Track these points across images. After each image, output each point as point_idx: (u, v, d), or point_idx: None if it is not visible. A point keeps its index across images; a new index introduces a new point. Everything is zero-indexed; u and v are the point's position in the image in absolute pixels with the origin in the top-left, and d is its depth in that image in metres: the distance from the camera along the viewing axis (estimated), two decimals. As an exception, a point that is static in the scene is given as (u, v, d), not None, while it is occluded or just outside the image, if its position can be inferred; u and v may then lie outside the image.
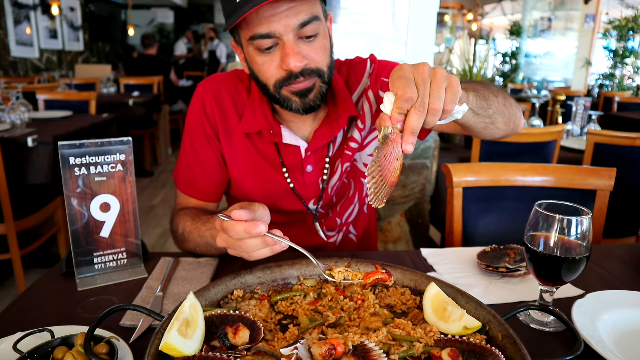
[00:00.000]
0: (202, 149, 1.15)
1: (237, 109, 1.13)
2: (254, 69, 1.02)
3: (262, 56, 0.97)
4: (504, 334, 0.68)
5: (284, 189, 1.16)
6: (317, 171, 1.15)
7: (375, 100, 1.16)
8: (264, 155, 1.13)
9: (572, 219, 0.78)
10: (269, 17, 0.91)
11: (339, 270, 0.80)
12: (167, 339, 0.59)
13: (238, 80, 1.16)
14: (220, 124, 1.13)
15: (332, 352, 0.62)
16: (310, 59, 0.97)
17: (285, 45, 0.94)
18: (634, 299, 0.87)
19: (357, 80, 1.17)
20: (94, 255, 0.96)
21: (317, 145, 1.12)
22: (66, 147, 0.89)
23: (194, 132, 1.16)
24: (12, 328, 0.75)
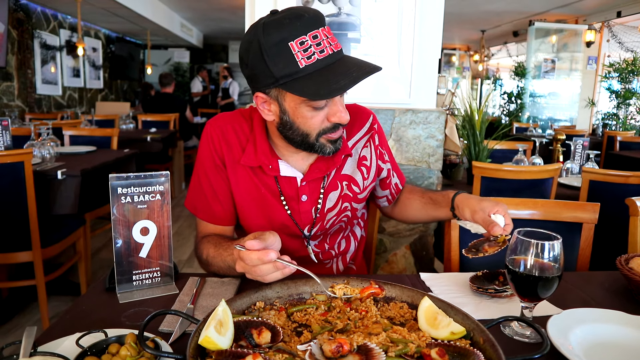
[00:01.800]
0: (215, 178, 1.28)
1: (240, 142, 1.27)
2: (298, 122, 1.12)
3: (314, 112, 1.10)
4: (484, 339, 0.80)
5: (283, 216, 1.29)
6: (311, 201, 1.29)
7: (375, 155, 1.38)
8: (265, 185, 1.27)
9: (546, 243, 0.92)
10: None
11: (339, 287, 0.97)
12: (207, 333, 0.73)
13: (242, 117, 1.30)
14: (227, 156, 1.26)
15: (340, 349, 0.76)
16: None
17: (337, 103, 1.10)
18: (605, 316, 0.99)
19: (359, 126, 1.36)
20: (133, 274, 1.11)
21: (312, 177, 1.26)
22: (115, 179, 1.05)
23: (207, 164, 1.29)
24: (71, 330, 0.89)
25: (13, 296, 3.08)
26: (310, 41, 1.01)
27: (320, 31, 1.03)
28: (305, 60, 1.01)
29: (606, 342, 0.92)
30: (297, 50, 1.01)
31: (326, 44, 1.03)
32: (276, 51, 1.02)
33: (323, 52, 1.02)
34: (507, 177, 2.42)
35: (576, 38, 8.56)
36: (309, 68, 1.02)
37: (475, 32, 10.61)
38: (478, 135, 2.78)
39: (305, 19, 1.02)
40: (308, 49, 1.01)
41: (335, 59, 1.04)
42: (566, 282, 1.24)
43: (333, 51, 1.04)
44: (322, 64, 1.02)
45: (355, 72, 1.02)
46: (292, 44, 1.01)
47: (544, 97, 8.89)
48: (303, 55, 1.01)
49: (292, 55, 1.01)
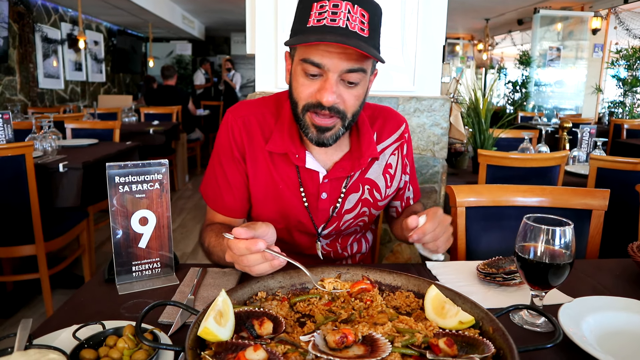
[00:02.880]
0: (230, 170, 1.26)
1: (263, 133, 1.24)
2: (293, 85, 1.12)
3: (305, 79, 1.08)
4: (494, 328, 0.77)
5: (299, 209, 1.26)
6: (330, 200, 1.25)
7: (401, 164, 1.34)
8: (284, 177, 1.24)
9: (557, 229, 0.89)
10: (324, 51, 1.02)
11: (329, 281, 0.95)
12: (206, 324, 0.70)
13: (265, 108, 1.27)
14: (247, 147, 1.24)
15: (344, 339, 0.73)
16: (342, 101, 1.09)
17: (328, 80, 1.05)
18: (618, 304, 0.96)
19: (390, 132, 1.32)
20: (132, 264, 1.09)
21: (335, 176, 1.23)
22: (113, 168, 1.03)
23: (223, 154, 1.26)
24: (68, 322, 0.86)
25: (18, 289, 3.08)
26: (329, 7, 1.01)
27: (345, 4, 1.01)
28: (314, 22, 1.02)
29: (619, 330, 0.89)
30: (314, 11, 1.02)
31: (343, 17, 1.00)
32: (302, 6, 1.06)
33: (334, 21, 1.00)
34: (514, 165, 2.38)
35: (582, 25, 8.44)
36: (312, 29, 1.02)
37: (479, 21, 10.49)
38: (483, 123, 2.74)
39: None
40: (323, 13, 1.01)
41: (338, 31, 1.00)
42: (576, 269, 1.21)
43: (344, 26, 1.00)
44: (324, 29, 1.00)
45: (331, 38, 0.98)
46: (314, 4, 1.02)
47: (549, 85, 8.80)
48: (315, 17, 1.02)
49: (308, 14, 1.03)
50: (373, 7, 1.05)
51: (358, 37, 1.01)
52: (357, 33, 1.01)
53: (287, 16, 2.19)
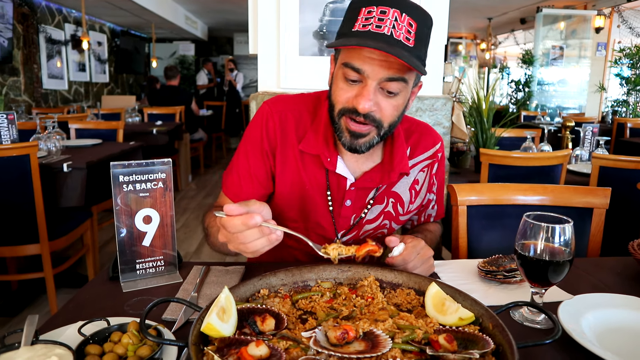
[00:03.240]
0: (255, 162, 1.23)
1: (297, 132, 1.22)
2: (332, 88, 1.11)
3: (344, 83, 1.06)
4: (494, 324, 0.78)
5: (322, 212, 1.24)
6: (354, 208, 1.23)
7: (428, 182, 1.32)
8: (312, 177, 1.22)
9: (556, 227, 0.89)
10: (366, 57, 1.00)
11: (333, 247, 0.94)
12: (209, 320, 0.71)
13: (303, 106, 1.25)
14: (280, 143, 1.21)
15: (345, 335, 0.74)
16: (378, 110, 1.06)
17: (366, 87, 1.03)
18: (618, 301, 0.96)
19: (424, 148, 1.30)
20: (136, 262, 1.10)
21: (362, 185, 1.21)
22: (117, 167, 1.04)
23: (252, 146, 1.24)
24: (73, 319, 0.88)
25: (22, 289, 3.10)
26: (376, 13, 0.99)
27: (392, 11, 0.99)
28: (360, 27, 1.00)
29: (619, 327, 0.90)
30: (361, 16, 1.01)
31: (389, 24, 0.98)
32: (350, 10, 1.05)
33: (380, 27, 0.98)
34: (516, 164, 2.38)
35: (585, 24, 8.42)
36: (357, 33, 1.00)
37: (481, 20, 10.47)
38: (485, 122, 2.74)
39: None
40: (369, 19, 1.00)
41: (382, 38, 0.98)
42: (577, 267, 1.22)
43: (389, 34, 0.98)
44: (368, 34, 0.99)
45: (373, 44, 0.96)
46: (362, 9, 1.01)
47: (552, 84, 8.78)
48: (362, 22, 1.01)
49: (355, 18, 1.02)
50: (422, 17, 1.02)
51: (402, 47, 0.98)
52: (402, 42, 0.99)
53: (289, 17, 2.20)
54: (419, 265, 1.06)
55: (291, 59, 2.24)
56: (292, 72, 2.26)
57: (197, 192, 6.14)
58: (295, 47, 2.24)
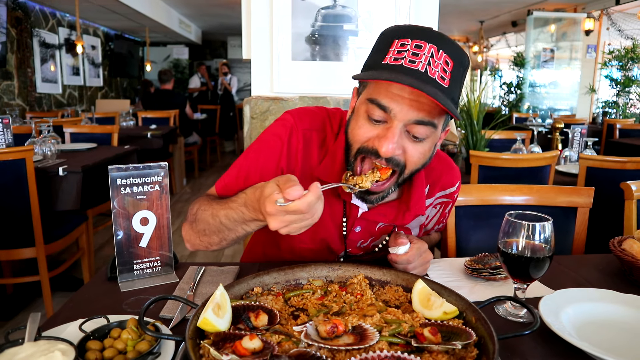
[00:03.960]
0: (265, 172, 1.13)
1: (320, 154, 1.15)
2: (351, 125, 1.03)
3: (366, 122, 0.98)
4: (477, 317, 0.82)
5: (333, 236, 1.19)
6: (362, 234, 1.19)
7: (437, 218, 1.29)
8: (327, 200, 1.11)
9: (537, 224, 0.94)
10: (395, 95, 0.92)
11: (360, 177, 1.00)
12: (205, 315, 0.75)
13: (329, 127, 1.17)
14: (301, 164, 1.14)
15: (334, 329, 0.78)
16: (403, 154, 0.97)
17: (391, 128, 0.94)
18: (596, 295, 1.01)
19: (442, 187, 1.23)
20: (134, 263, 1.13)
21: (374, 219, 1.16)
22: (115, 170, 1.07)
23: (266, 156, 1.14)
24: (73, 317, 0.91)
25: (18, 292, 3.12)
26: (410, 47, 0.91)
27: (429, 46, 0.90)
28: (391, 60, 0.92)
29: (597, 319, 0.94)
30: (393, 48, 0.93)
31: (424, 60, 0.90)
32: (380, 41, 0.98)
33: (413, 63, 0.90)
34: (505, 165, 2.43)
35: (575, 27, 8.53)
36: (388, 67, 0.92)
37: (473, 23, 10.57)
38: (475, 124, 2.79)
39: (426, 31, 0.93)
40: (402, 52, 0.91)
41: (414, 74, 0.89)
42: (560, 264, 1.26)
43: (423, 70, 0.89)
44: (401, 69, 0.90)
45: (405, 79, 0.87)
46: (395, 41, 0.93)
47: (543, 86, 8.88)
48: (394, 54, 0.92)
49: (386, 50, 0.94)
50: (460, 56, 0.94)
51: (436, 86, 0.89)
52: (437, 81, 0.90)
53: (282, 22, 2.24)
54: (418, 267, 1.09)
55: (284, 64, 2.28)
56: (285, 77, 2.30)
57: (192, 196, 6.16)
58: (288, 52, 2.28)
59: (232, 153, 10.11)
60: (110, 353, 0.77)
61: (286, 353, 0.72)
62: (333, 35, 2.28)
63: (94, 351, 0.77)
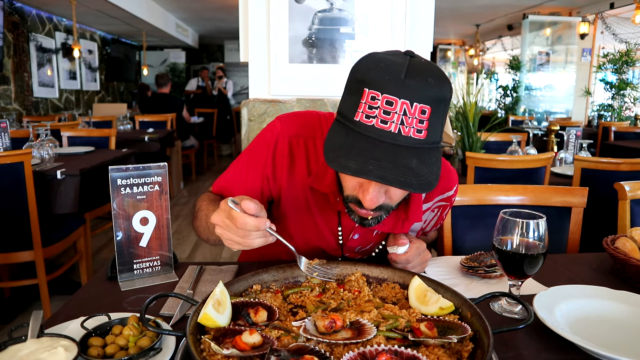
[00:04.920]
0: (254, 179, 1.17)
1: (309, 164, 1.14)
2: None
3: None
4: (472, 312, 0.84)
5: (331, 243, 1.21)
6: (360, 240, 1.22)
7: (434, 221, 1.29)
8: (321, 212, 1.17)
9: (531, 222, 0.95)
10: None
11: (316, 273, 1.01)
12: (206, 310, 0.76)
13: (319, 132, 1.15)
14: (287, 173, 1.15)
15: (333, 324, 0.79)
16: (388, 198, 0.97)
17: (370, 183, 0.92)
18: (590, 292, 1.02)
19: (440, 192, 1.23)
20: (134, 262, 1.14)
21: (372, 226, 1.11)
22: (115, 171, 1.09)
23: (254, 161, 1.18)
24: (74, 316, 0.92)
25: (15, 296, 3.11)
26: (381, 104, 0.85)
27: (400, 103, 0.84)
28: (362, 117, 0.86)
29: (591, 315, 0.96)
30: (364, 101, 0.86)
31: (397, 119, 0.84)
32: (353, 86, 0.90)
33: (385, 123, 0.85)
34: (500, 166, 2.46)
35: (570, 30, 8.59)
36: (359, 126, 0.87)
37: (469, 27, 10.64)
38: (471, 126, 2.81)
39: (399, 80, 0.85)
40: (373, 109, 0.85)
41: (387, 140, 0.85)
42: (555, 263, 1.28)
43: (396, 131, 0.84)
44: (372, 132, 0.85)
45: (374, 167, 0.83)
46: (365, 91, 0.86)
47: (539, 90, 8.93)
48: (365, 110, 0.86)
49: (358, 101, 0.87)
50: (439, 95, 0.87)
51: (412, 144, 0.86)
52: (412, 138, 0.85)
53: (279, 25, 2.26)
54: (417, 266, 1.11)
55: (281, 67, 2.30)
56: (283, 79, 2.31)
57: (189, 199, 6.17)
58: (285, 55, 2.30)
59: (229, 156, 10.12)
60: (112, 349, 0.78)
61: (285, 347, 0.73)
62: (330, 38, 2.30)
63: (96, 347, 0.78)
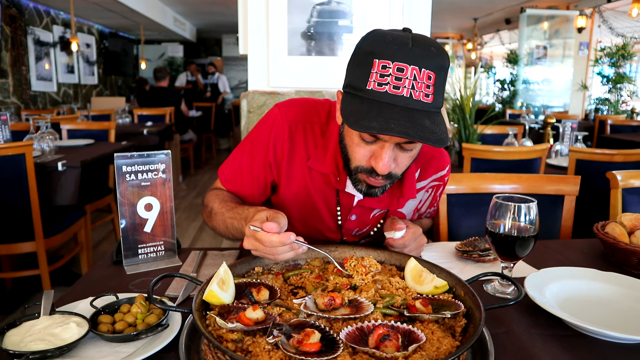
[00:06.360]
0: (258, 166, 1.22)
1: (307, 148, 1.19)
2: (347, 141, 1.06)
3: (360, 141, 1.01)
4: (465, 291, 0.88)
5: (329, 224, 1.25)
6: (358, 222, 1.26)
7: (429, 201, 1.34)
8: (320, 193, 1.22)
9: (522, 205, 0.99)
10: None
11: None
12: (211, 288, 0.80)
13: (316, 117, 1.20)
14: (287, 156, 1.19)
15: (332, 302, 0.83)
16: (396, 165, 1.02)
17: (384, 149, 0.98)
18: (578, 273, 1.06)
19: (434, 171, 1.28)
20: (138, 247, 1.18)
21: (369, 205, 1.21)
22: (120, 158, 1.12)
23: (257, 149, 1.22)
24: (82, 297, 0.96)
25: (17, 288, 3.15)
26: (393, 71, 0.90)
27: (411, 69, 0.90)
28: (375, 85, 0.92)
29: (579, 295, 1.00)
30: (375, 70, 0.92)
31: (408, 84, 0.90)
32: (361, 59, 0.95)
33: (398, 89, 0.90)
34: (496, 157, 2.49)
35: (568, 24, 8.62)
36: (372, 94, 0.92)
37: (467, 21, 10.65)
38: (468, 118, 2.85)
39: (407, 49, 0.91)
40: (385, 76, 0.91)
41: (400, 104, 0.90)
42: (547, 248, 1.32)
43: (408, 96, 0.90)
44: (386, 97, 0.91)
45: (395, 125, 0.88)
46: (376, 61, 0.92)
47: (537, 83, 8.97)
48: (377, 79, 0.91)
49: (368, 72, 0.93)
50: (441, 63, 0.94)
51: (422, 107, 0.91)
52: (422, 102, 0.91)
53: (278, 18, 2.29)
54: (413, 250, 1.14)
55: (280, 59, 2.33)
56: (281, 71, 2.34)
57: (188, 193, 6.20)
58: (284, 47, 2.32)
59: (227, 150, 10.14)
60: (121, 326, 0.82)
61: (287, 322, 0.77)
62: (328, 30, 2.33)
63: (106, 324, 0.81)
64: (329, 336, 0.74)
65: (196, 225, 4.81)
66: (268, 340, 0.71)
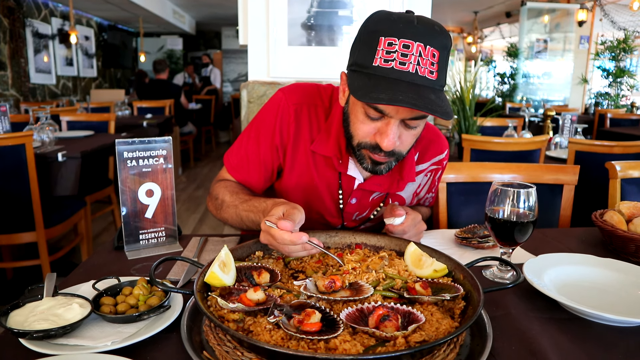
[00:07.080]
0: (265, 152, 1.23)
1: (311, 130, 1.21)
2: (351, 119, 1.08)
3: (365, 118, 1.03)
4: (464, 275, 0.88)
5: (330, 208, 1.27)
6: (358, 206, 1.27)
7: (428, 185, 1.35)
8: (323, 176, 1.23)
9: (521, 191, 1.00)
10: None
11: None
12: (213, 269, 0.80)
13: (319, 100, 1.22)
14: (292, 139, 1.21)
15: (332, 284, 0.83)
16: (400, 143, 1.05)
17: (389, 125, 1.00)
18: (576, 259, 1.07)
19: (433, 155, 1.31)
20: (139, 233, 1.18)
21: (370, 188, 1.23)
22: (121, 144, 1.12)
23: (263, 133, 1.23)
24: (84, 281, 0.96)
25: (17, 278, 3.16)
26: (399, 48, 0.93)
27: (416, 45, 0.93)
28: (381, 62, 0.94)
29: (577, 280, 1.01)
30: (381, 47, 0.94)
31: (414, 60, 0.93)
32: (366, 38, 0.98)
33: (404, 64, 0.93)
34: (496, 149, 2.50)
35: (568, 18, 8.59)
36: (379, 70, 0.95)
37: (468, 14, 10.61)
38: (468, 110, 2.85)
39: (412, 26, 0.94)
40: (391, 53, 0.93)
41: (406, 79, 0.93)
42: (545, 236, 1.33)
43: (414, 72, 0.93)
44: (392, 73, 0.94)
45: (403, 97, 0.90)
46: (381, 39, 0.94)
47: (537, 77, 8.95)
48: (383, 55, 0.94)
49: (375, 49, 0.95)
50: (443, 42, 0.96)
51: (427, 83, 0.94)
52: (427, 78, 0.94)
53: (278, 8, 2.28)
54: (413, 237, 1.14)
55: (280, 49, 2.33)
56: (282, 62, 2.34)
57: (188, 185, 6.20)
58: (284, 38, 2.32)
59: (227, 143, 10.13)
60: (123, 307, 0.82)
61: (288, 303, 0.78)
62: (328, 21, 2.33)
63: (108, 305, 0.82)
64: (330, 317, 0.74)
65: (196, 217, 4.82)
66: (269, 320, 0.72)
